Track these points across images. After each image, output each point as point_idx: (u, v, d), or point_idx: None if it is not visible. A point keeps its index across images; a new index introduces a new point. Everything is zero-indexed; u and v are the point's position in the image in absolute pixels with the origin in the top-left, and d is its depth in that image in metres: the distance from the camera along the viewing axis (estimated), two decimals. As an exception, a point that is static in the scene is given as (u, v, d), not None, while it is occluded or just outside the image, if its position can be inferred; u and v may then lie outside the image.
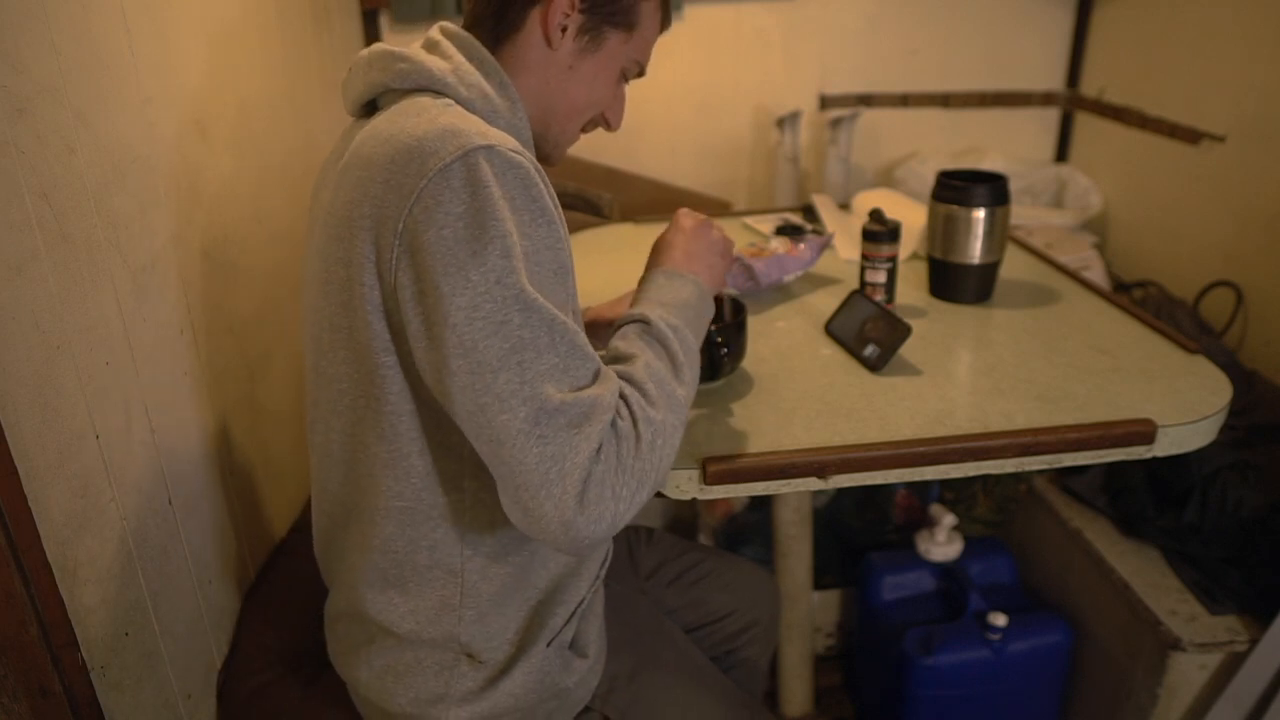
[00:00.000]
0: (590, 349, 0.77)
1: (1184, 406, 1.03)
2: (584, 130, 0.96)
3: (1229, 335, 1.76)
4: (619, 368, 0.81)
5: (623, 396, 0.77)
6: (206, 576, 1.10)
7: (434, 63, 0.83)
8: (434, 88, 0.83)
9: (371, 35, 2.13)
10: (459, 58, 0.85)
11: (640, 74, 0.96)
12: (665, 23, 0.95)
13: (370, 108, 0.89)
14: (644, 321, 0.85)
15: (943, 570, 1.67)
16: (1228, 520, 1.44)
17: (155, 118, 1.03)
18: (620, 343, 0.85)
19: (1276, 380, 1.64)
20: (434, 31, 0.89)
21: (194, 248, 1.11)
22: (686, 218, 0.99)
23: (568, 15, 0.87)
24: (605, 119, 0.96)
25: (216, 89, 1.22)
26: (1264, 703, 1.31)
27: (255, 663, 1.10)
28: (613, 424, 0.74)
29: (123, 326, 0.93)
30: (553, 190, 0.80)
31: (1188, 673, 1.35)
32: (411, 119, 0.78)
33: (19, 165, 0.77)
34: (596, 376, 0.77)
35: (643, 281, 0.93)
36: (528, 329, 0.72)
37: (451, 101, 0.82)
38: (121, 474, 0.91)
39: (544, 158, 0.95)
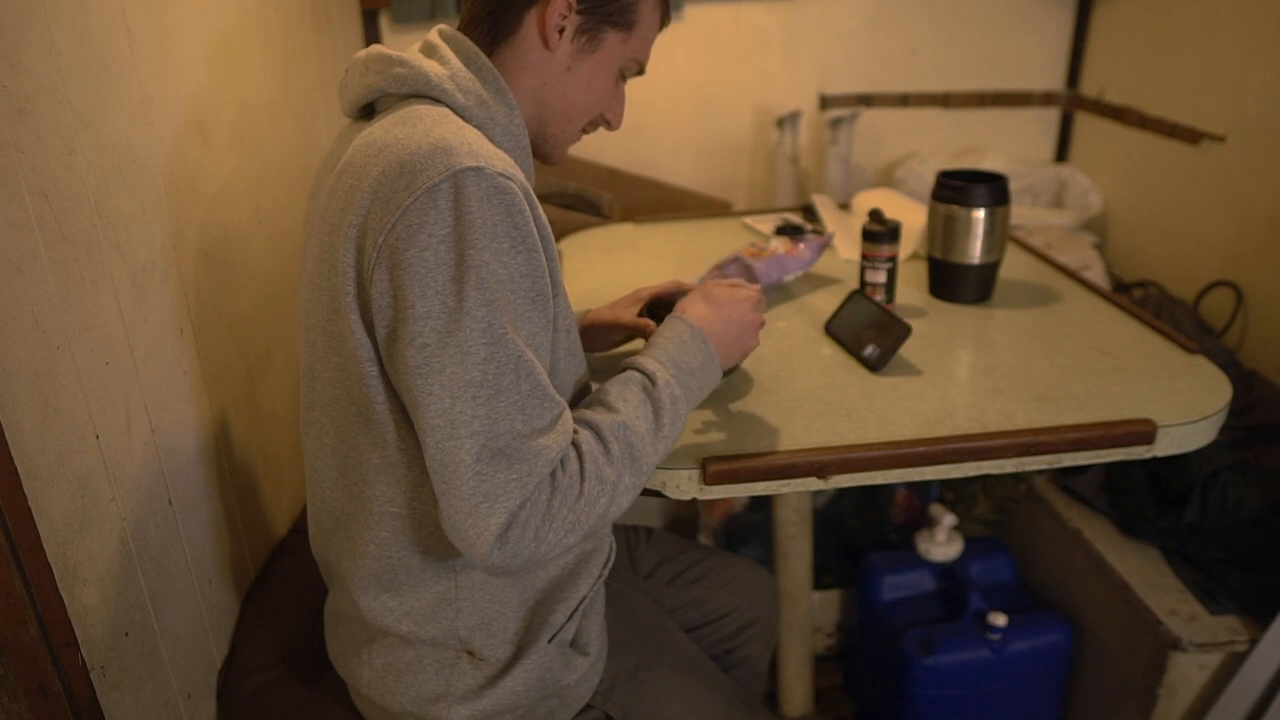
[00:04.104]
0: (553, 392, 0.78)
1: (1184, 406, 1.03)
2: (585, 131, 0.95)
3: (1229, 335, 1.76)
4: (592, 415, 0.82)
5: (579, 447, 0.79)
6: (206, 576, 1.10)
7: (431, 68, 0.83)
8: (431, 94, 0.83)
9: (371, 35, 2.13)
10: (456, 63, 0.85)
11: (640, 73, 0.95)
12: (665, 20, 0.94)
13: (368, 109, 0.89)
14: (650, 379, 0.86)
15: (943, 570, 1.67)
16: (1228, 520, 1.44)
17: (155, 118, 1.03)
18: (615, 389, 0.85)
19: (1276, 380, 1.64)
20: (432, 35, 0.89)
21: (193, 248, 1.11)
22: (745, 290, 0.97)
23: (565, 16, 0.86)
24: (605, 119, 0.95)
25: (216, 89, 1.22)
26: (1264, 703, 1.31)
27: (255, 663, 1.10)
28: (552, 475, 0.77)
29: (123, 326, 0.93)
30: (539, 212, 0.80)
31: (1188, 673, 1.35)
32: (406, 129, 0.78)
33: (19, 165, 0.77)
34: (554, 423, 0.78)
35: (672, 324, 0.92)
36: (492, 364, 0.74)
37: (448, 111, 0.82)
38: (121, 474, 0.91)
39: (543, 158, 0.94)
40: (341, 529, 0.90)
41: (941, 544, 1.67)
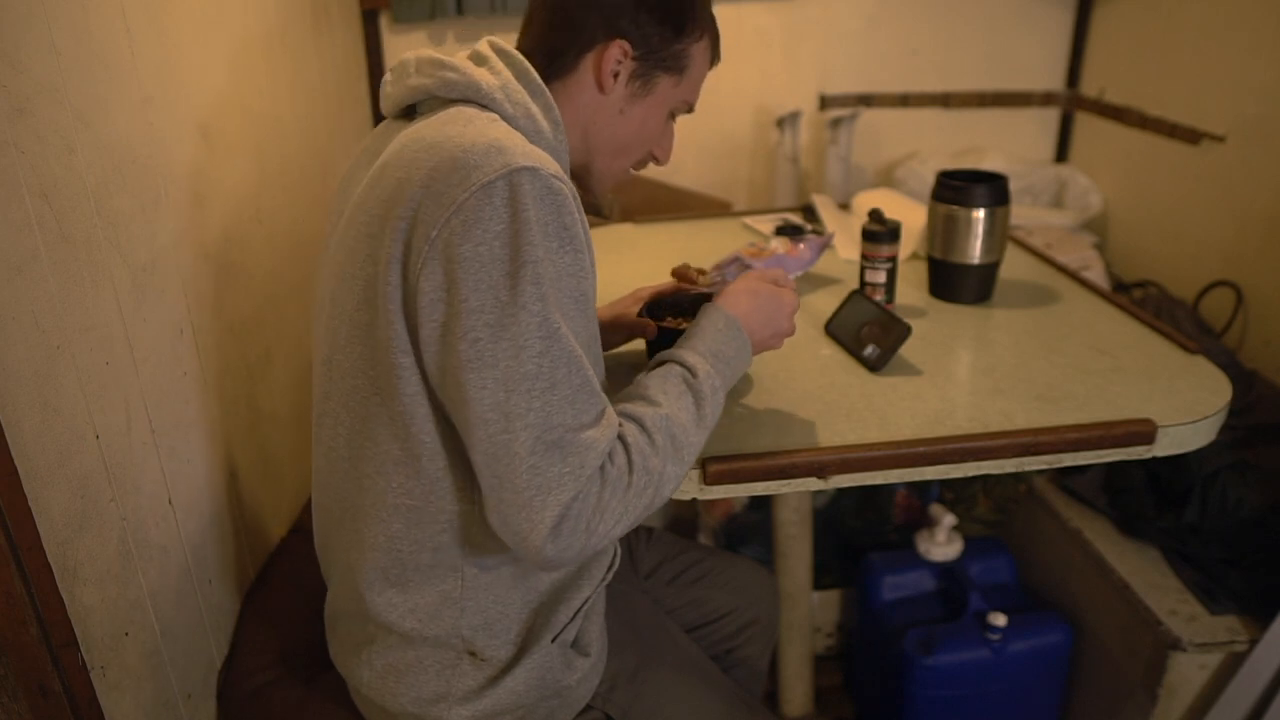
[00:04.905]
0: (598, 387, 0.79)
1: (1184, 406, 1.03)
2: (634, 168, 0.98)
3: (1229, 335, 1.76)
4: (634, 408, 0.83)
5: (625, 440, 0.80)
6: (206, 576, 1.10)
7: (483, 76, 0.85)
8: (480, 100, 0.84)
9: (371, 36, 2.13)
10: (508, 75, 0.86)
11: (689, 111, 0.97)
12: (714, 60, 0.96)
13: (408, 110, 0.90)
14: (691, 372, 0.86)
15: (943, 570, 1.67)
16: (1228, 520, 1.44)
17: (155, 118, 1.03)
18: (654, 383, 0.86)
19: (1276, 380, 1.64)
20: (482, 45, 0.90)
21: (194, 248, 1.11)
22: (789, 293, 0.98)
23: (620, 62, 0.88)
24: (654, 155, 0.98)
25: (216, 89, 1.22)
26: (1264, 703, 1.31)
27: (255, 663, 1.10)
28: (601, 468, 0.77)
29: (123, 326, 0.93)
30: (584, 217, 0.81)
31: (1188, 673, 1.35)
32: (459, 128, 0.79)
33: (19, 165, 0.77)
34: (600, 417, 0.79)
35: (709, 313, 0.93)
36: (546, 358, 0.75)
37: (497, 116, 0.83)
38: (121, 474, 0.91)
39: (586, 191, 0.96)
40: (350, 521, 0.90)
41: (941, 544, 1.67)
